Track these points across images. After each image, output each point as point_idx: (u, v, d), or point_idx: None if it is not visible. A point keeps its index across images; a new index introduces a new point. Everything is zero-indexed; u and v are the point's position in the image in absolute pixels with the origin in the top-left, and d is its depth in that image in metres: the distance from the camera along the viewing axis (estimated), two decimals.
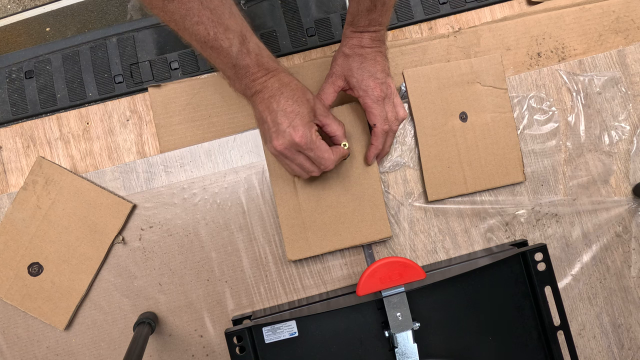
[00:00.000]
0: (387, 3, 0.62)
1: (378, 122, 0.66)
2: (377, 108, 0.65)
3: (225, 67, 0.59)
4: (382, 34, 0.66)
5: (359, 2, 0.62)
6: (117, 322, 0.73)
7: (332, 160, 0.63)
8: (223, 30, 0.55)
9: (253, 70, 0.59)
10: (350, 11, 0.64)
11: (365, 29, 0.64)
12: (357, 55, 0.65)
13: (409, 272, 0.63)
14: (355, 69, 0.65)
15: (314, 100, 0.63)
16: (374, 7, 0.61)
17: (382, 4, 0.61)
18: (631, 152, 0.75)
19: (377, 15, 0.62)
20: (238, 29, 0.57)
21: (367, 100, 0.65)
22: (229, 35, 0.56)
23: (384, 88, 0.65)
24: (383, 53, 0.66)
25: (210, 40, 0.56)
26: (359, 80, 0.65)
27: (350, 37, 0.65)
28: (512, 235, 0.75)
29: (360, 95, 0.66)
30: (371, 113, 0.66)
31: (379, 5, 0.61)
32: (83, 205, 0.72)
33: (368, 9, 0.62)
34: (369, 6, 0.61)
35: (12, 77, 0.77)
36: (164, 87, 0.76)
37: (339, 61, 0.67)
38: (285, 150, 0.60)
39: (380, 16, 0.63)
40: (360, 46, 0.65)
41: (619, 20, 0.78)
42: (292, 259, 0.71)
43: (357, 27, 0.64)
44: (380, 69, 0.65)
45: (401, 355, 0.64)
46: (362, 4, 0.62)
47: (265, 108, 0.60)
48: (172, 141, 0.75)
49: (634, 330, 0.74)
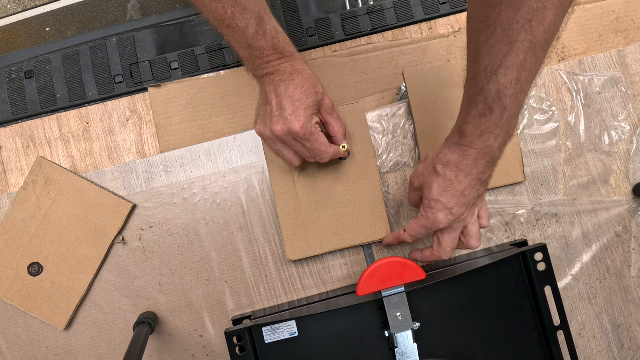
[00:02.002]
0: (509, 108, 0.49)
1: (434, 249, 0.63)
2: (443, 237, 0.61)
3: (240, 47, 0.59)
4: (493, 157, 0.53)
5: (470, 102, 0.51)
6: (117, 322, 0.73)
7: (329, 154, 0.63)
8: (241, 10, 0.55)
9: (268, 53, 0.59)
10: (460, 113, 0.54)
11: (473, 142, 0.53)
12: (447, 180, 0.56)
13: (409, 272, 0.63)
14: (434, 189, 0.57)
15: (323, 94, 0.63)
16: (489, 111, 0.50)
17: (502, 108, 0.49)
18: (631, 152, 0.75)
19: (493, 124, 0.51)
20: (256, 10, 0.56)
21: None
22: (247, 16, 0.56)
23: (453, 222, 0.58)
24: (483, 185, 0.57)
25: (228, 18, 0.55)
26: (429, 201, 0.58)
27: (451, 149, 0.55)
28: (512, 235, 0.75)
29: (422, 215, 0.60)
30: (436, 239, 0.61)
31: (496, 110, 0.49)
32: (83, 205, 0.72)
33: (481, 113, 0.50)
34: (482, 110, 0.50)
35: (12, 77, 0.77)
36: (164, 87, 0.76)
37: (424, 174, 0.58)
38: (283, 135, 0.60)
39: (497, 126, 0.51)
40: (457, 167, 0.55)
41: (619, 20, 0.78)
42: (292, 259, 0.71)
43: (463, 137, 0.54)
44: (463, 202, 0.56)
45: (401, 355, 0.64)
46: (474, 105, 0.50)
47: (273, 90, 0.60)
48: (172, 141, 0.75)
49: (634, 330, 0.74)
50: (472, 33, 0.49)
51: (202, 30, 0.78)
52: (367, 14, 0.78)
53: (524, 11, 0.44)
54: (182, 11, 0.78)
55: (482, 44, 0.47)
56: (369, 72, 0.77)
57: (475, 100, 0.50)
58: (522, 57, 0.46)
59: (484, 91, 0.49)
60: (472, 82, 0.50)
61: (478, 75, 0.49)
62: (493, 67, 0.47)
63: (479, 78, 0.49)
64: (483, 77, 0.48)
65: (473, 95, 0.51)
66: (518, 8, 0.44)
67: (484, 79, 0.48)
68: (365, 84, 0.77)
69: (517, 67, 0.46)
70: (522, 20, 0.44)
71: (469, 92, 0.52)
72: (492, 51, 0.47)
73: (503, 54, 0.46)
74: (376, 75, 0.77)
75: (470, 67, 0.51)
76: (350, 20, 0.78)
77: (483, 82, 0.49)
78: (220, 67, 0.77)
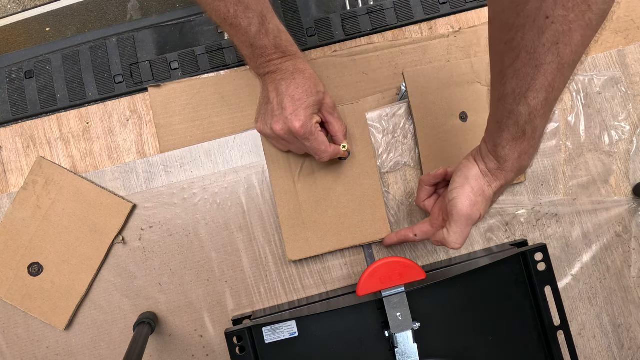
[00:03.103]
0: (540, 127, 0.49)
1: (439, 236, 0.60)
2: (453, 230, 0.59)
3: (242, 46, 0.60)
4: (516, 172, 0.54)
5: (500, 125, 0.50)
6: (117, 322, 0.73)
7: (329, 153, 0.63)
8: (243, 9, 0.55)
9: (270, 52, 0.59)
10: (489, 134, 0.54)
11: (513, 165, 0.53)
12: (488, 200, 0.56)
13: (409, 272, 0.63)
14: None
15: (324, 94, 0.63)
16: (522, 133, 0.50)
17: (533, 129, 0.49)
18: (631, 152, 0.75)
19: (527, 145, 0.51)
20: (259, 9, 0.57)
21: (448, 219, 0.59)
22: (249, 15, 0.56)
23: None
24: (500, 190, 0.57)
25: (230, 17, 0.56)
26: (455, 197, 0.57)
27: (496, 175, 0.55)
28: (512, 235, 0.75)
29: (449, 214, 0.58)
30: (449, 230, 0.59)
31: (529, 131, 0.49)
32: (83, 205, 0.72)
33: (515, 137, 0.50)
34: (515, 133, 0.50)
35: (12, 77, 0.77)
36: (164, 87, 0.76)
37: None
38: (283, 134, 0.61)
39: (531, 146, 0.51)
40: (500, 191, 0.56)
41: (619, 20, 0.78)
42: (292, 259, 0.71)
43: (503, 163, 0.53)
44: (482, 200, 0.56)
45: (401, 355, 0.64)
46: (505, 128, 0.50)
47: (274, 89, 0.60)
48: (172, 141, 0.75)
49: (634, 330, 0.74)
50: (495, 54, 0.48)
51: (202, 30, 0.78)
52: (367, 14, 0.78)
53: (549, 34, 0.41)
54: (182, 11, 0.78)
55: (507, 67, 0.46)
56: (369, 72, 0.77)
57: (506, 123, 0.50)
58: (550, 78, 0.45)
59: (514, 114, 0.48)
60: (499, 103, 0.49)
61: (506, 97, 0.48)
62: (521, 90, 0.46)
63: (506, 100, 0.48)
64: (512, 100, 0.48)
65: (502, 118, 0.50)
66: (542, 31, 0.41)
67: (513, 101, 0.48)
68: (365, 84, 0.77)
69: (545, 89, 0.45)
70: (547, 43, 0.42)
71: (497, 114, 0.51)
72: (518, 74, 0.45)
73: (531, 77, 0.45)
74: (376, 75, 0.77)
75: (496, 88, 0.50)
76: (350, 20, 0.78)
77: (512, 105, 0.48)
78: (220, 67, 0.77)
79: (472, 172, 0.56)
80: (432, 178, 0.64)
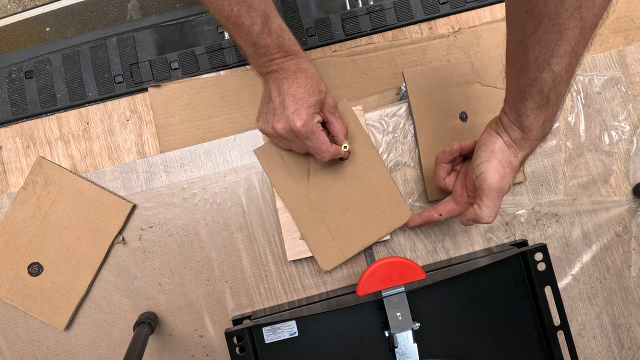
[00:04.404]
0: (563, 93, 0.50)
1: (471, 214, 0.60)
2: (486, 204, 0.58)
3: (245, 45, 0.60)
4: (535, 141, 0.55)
5: (523, 94, 0.51)
6: (117, 322, 0.73)
7: (330, 153, 0.63)
8: (246, 8, 0.56)
9: (272, 51, 0.59)
10: (509, 105, 0.54)
11: (537, 133, 0.54)
12: (514, 170, 0.57)
13: (409, 272, 0.63)
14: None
15: (326, 93, 0.63)
16: (546, 100, 0.50)
17: (557, 95, 0.50)
18: (631, 152, 0.75)
19: (551, 112, 0.51)
20: (262, 8, 0.57)
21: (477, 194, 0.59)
22: (252, 14, 0.56)
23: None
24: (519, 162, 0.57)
25: (233, 16, 0.56)
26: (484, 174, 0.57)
27: (520, 145, 0.55)
28: (512, 235, 0.74)
29: (477, 188, 0.58)
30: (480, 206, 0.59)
31: (553, 98, 0.50)
32: (83, 205, 0.72)
33: (539, 104, 0.51)
34: (539, 101, 0.50)
35: (12, 77, 0.77)
36: (164, 87, 0.76)
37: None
38: (284, 133, 0.61)
39: (554, 113, 0.52)
40: (524, 160, 0.57)
41: (619, 20, 0.78)
42: (327, 269, 0.71)
43: (528, 132, 0.54)
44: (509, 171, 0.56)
45: (401, 355, 0.64)
46: (529, 97, 0.50)
47: (276, 88, 0.60)
48: (172, 141, 0.75)
49: (634, 330, 0.74)
50: (515, 23, 0.48)
51: (202, 30, 0.78)
52: (367, 14, 0.78)
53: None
54: (182, 11, 0.79)
55: (529, 35, 0.46)
56: (369, 72, 0.77)
57: (530, 92, 0.50)
58: (573, 43, 0.45)
59: (537, 81, 0.48)
60: (521, 72, 0.49)
61: (528, 66, 0.48)
62: (545, 57, 0.46)
63: (529, 68, 0.48)
64: (535, 68, 0.48)
65: (525, 87, 0.50)
66: None
67: (536, 69, 0.48)
68: (365, 84, 0.77)
69: (569, 54, 0.46)
70: (570, 8, 0.42)
71: (520, 84, 0.50)
72: (541, 41, 0.45)
73: (554, 44, 0.45)
74: (376, 75, 0.77)
75: (516, 58, 0.49)
76: (350, 20, 0.78)
77: (536, 73, 0.48)
78: (220, 67, 0.77)
79: (496, 145, 0.56)
80: (447, 154, 0.64)
